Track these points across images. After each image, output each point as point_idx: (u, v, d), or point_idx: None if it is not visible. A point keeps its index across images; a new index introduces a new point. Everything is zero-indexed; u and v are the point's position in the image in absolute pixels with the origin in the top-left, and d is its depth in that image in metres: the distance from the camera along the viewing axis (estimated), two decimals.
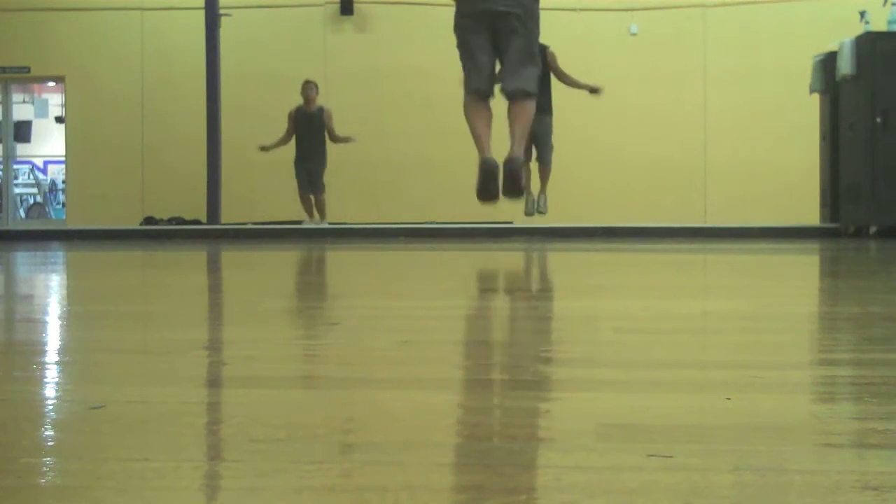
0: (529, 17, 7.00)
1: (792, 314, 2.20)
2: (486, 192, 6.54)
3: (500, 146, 5.75)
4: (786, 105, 12.81)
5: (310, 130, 11.25)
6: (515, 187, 6.54)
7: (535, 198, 9.22)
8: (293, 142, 11.39)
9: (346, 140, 11.31)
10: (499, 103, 5.89)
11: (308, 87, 11.27)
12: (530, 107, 7.05)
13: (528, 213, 9.19)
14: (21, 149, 17.34)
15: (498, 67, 6.91)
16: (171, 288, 3.32)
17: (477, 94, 7.03)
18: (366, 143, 12.97)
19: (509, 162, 6.80)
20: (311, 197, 11.48)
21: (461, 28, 7.21)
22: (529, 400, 1.13)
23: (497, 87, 7.03)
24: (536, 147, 8.83)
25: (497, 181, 6.57)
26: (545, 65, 9.17)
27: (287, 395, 1.19)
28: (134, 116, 14.02)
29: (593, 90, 9.70)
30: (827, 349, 1.64)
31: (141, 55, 14.04)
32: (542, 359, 1.48)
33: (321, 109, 11.33)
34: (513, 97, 7.20)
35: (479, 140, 6.76)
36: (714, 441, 0.91)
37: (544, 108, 9.12)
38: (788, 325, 1.96)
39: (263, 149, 11.22)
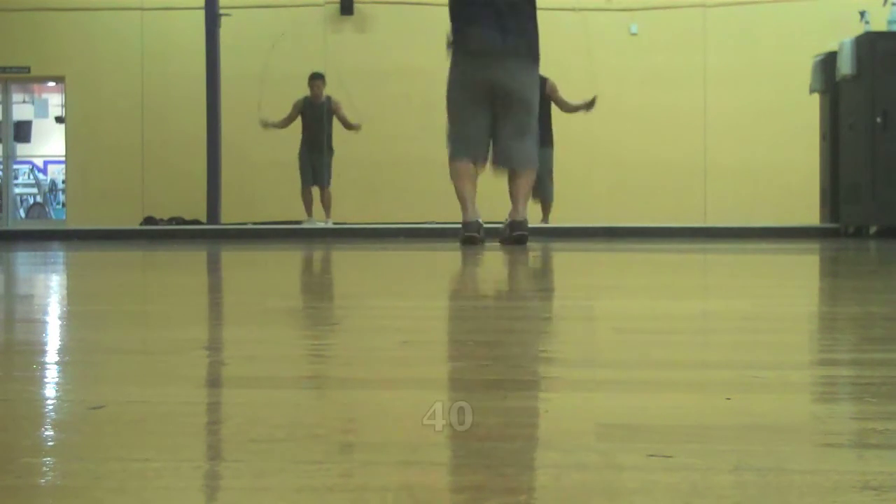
0: (531, 86, 6.92)
1: (792, 314, 2.20)
2: (469, 244, 6.58)
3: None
4: (786, 105, 12.81)
5: (317, 122, 11.24)
6: (522, 242, 6.55)
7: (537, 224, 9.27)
8: (301, 136, 11.36)
9: (355, 127, 11.29)
10: None
11: (315, 82, 11.28)
12: (532, 174, 7.07)
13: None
14: (21, 149, 17.34)
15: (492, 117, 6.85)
16: (171, 288, 3.32)
17: (467, 159, 7.01)
18: (366, 143, 12.97)
19: (517, 226, 6.79)
20: (315, 191, 11.45)
21: (456, 91, 7.11)
22: (529, 400, 1.13)
23: (491, 151, 6.99)
24: (537, 183, 8.83)
25: (479, 238, 6.62)
26: (544, 96, 9.13)
27: (287, 395, 1.19)
28: (134, 116, 14.02)
29: (589, 105, 9.89)
30: (827, 349, 1.64)
31: (141, 55, 14.04)
32: (542, 359, 1.48)
33: (328, 99, 11.33)
34: (516, 169, 7.18)
35: (465, 202, 6.79)
36: (714, 441, 0.91)
37: (545, 140, 9.14)
38: (788, 325, 1.96)
39: (264, 124, 11.19)
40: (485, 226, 6.87)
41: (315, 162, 11.22)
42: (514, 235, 6.53)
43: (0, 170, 15.02)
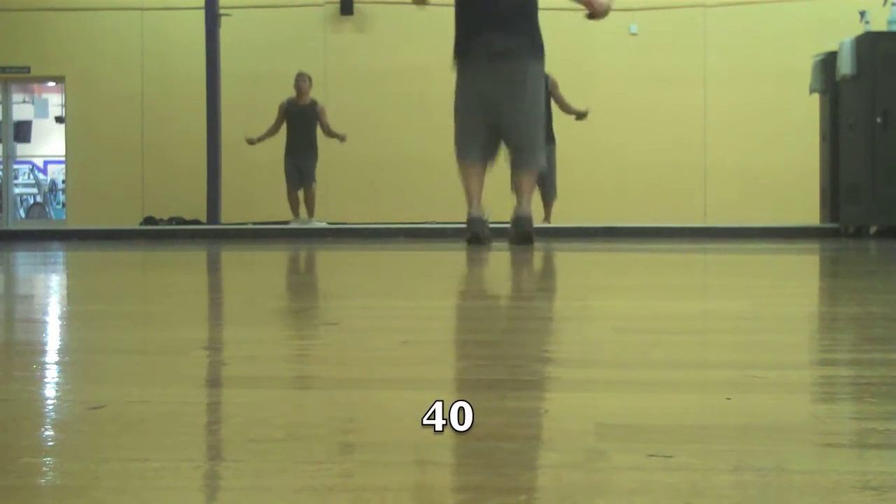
0: (535, 84, 6.88)
1: (792, 314, 2.20)
2: (477, 241, 6.57)
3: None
4: (786, 105, 12.81)
5: (301, 124, 11.23)
6: (527, 239, 6.56)
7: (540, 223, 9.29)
8: (286, 138, 11.36)
9: (339, 137, 11.27)
10: None
11: (301, 80, 11.28)
12: (537, 172, 7.07)
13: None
14: (21, 149, 17.34)
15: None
16: (171, 288, 3.32)
17: (475, 162, 7.00)
18: (366, 143, 12.96)
19: (521, 222, 6.79)
20: (300, 193, 11.44)
21: (461, 99, 7.12)
22: (529, 400, 1.13)
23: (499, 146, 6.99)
24: (539, 179, 8.82)
25: (483, 235, 6.61)
26: (546, 92, 9.17)
27: (287, 395, 1.19)
28: (134, 116, 14.02)
29: (579, 116, 10.07)
30: (827, 349, 1.64)
31: (141, 55, 14.04)
32: (542, 359, 1.48)
33: (314, 103, 11.31)
34: (523, 170, 7.17)
35: (470, 196, 6.79)
36: (714, 441, 0.91)
37: (547, 137, 9.14)
38: (788, 325, 1.96)
39: (250, 141, 11.22)
40: (492, 225, 6.88)
41: (300, 164, 11.20)
42: (519, 233, 6.53)
43: (0, 170, 15.02)
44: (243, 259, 5.61)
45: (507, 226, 6.99)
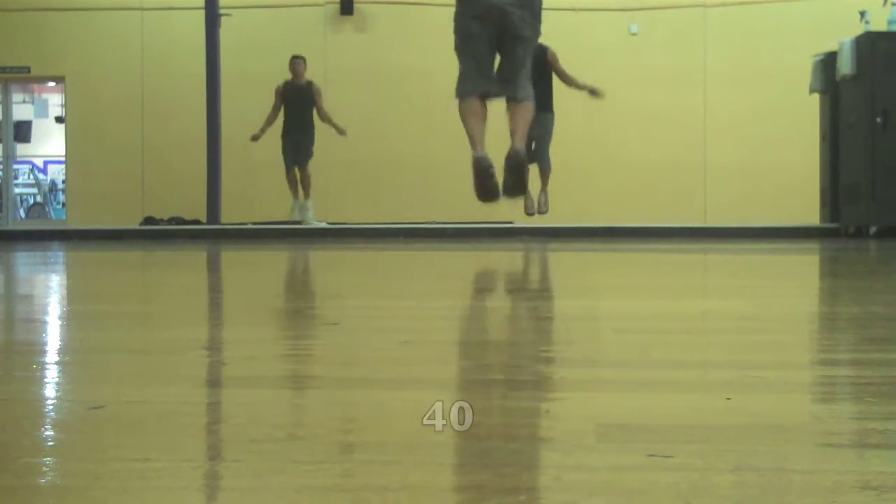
0: (535, 20, 6.89)
1: (792, 314, 2.20)
2: (485, 190, 6.45)
3: (496, 144, 5.73)
4: (786, 105, 12.81)
5: (298, 103, 11.21)
6: (518, 183, 6.42)
7: (536, 198, 9.17)
8: (283, 118, 11.33)
9: (336, 127, 11.22)
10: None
11: (296, 62, 11.29)
12: (531, 105, 6.95)
13: (529, 213, 9.13)
14: (21, 149, 17.35)
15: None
16: (171, 288, 3.32)
17: (476, 95, 6.89)
18: (366, 143, 12.97)
19: (513, 156, 6.67)
20: (297, 173, 11.41)
21: (464, 29, 7.05)
22: (529, 400, 1.13)
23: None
24: (535, 146, 8.75)
25: (494, 178, 6.48)
26: (546, 64, 9.15)
27: (287, 395, 1.19)
28: (134, 116, 14.02)
29: (593, 92, 9.65)
30: (827, 349, 1.64)
31: (141, 55, 14.04)
32: (542, 359, 1.48)
33: (309, 84, 11.31)
34: (514, 100, 7.06)
35: (474, 138, 6.62)
36: (714, 441, 0.91)
37: (545, 105, 9.08)
38: (788, 325, 1.96)
39: (255, 138, 11.20)
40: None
41: (296, 142, 11.18)
42: (509, 164, 6.38)
43: (0, 170, 15.02)
44: (243, 259, 5.61)
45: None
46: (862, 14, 10.08)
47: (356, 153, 12.87)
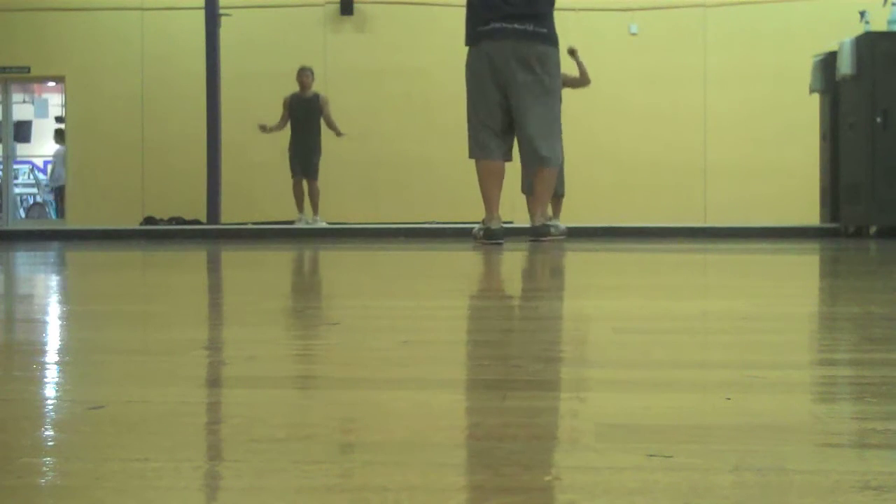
0: (551, 72, 6.61)
1: (792, 314, 2.20)
2: (492, 242, 6.38)
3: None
4: (786, 105, 12.81)
5: (305, 116, 11.25)
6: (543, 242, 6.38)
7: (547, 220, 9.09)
8: (290, 130, 11.38)
9: (337, 131, 11.27)
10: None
11: (303, 73, 11.32)
12: (554, 175, 6.76)
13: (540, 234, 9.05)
14: (21, 149, 17.34)
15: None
16: (171, 288, 3.32)
17: (491, 156, 6.64)
18: (366, 143, 12.96)
19: (539, 233, 6.58)
20: (304, 187, 11.45)
21: (471, 82, 6.76)
22: (529, 400, 1.13)
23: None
24: None
25: (501, 238, 6.41)
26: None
27: (287, 395, 1.19)
28: (134, 116, 14.02)
29: (572, 52, 9.22)
30: (827, 349, 1.64)
31: (141, 55, 14.04)
32: (542, 359, 1.48)
33: (317, 96, 11.34)
34: (539, 165, 6.84)
35: (489, 202, 6.52)
36: (714, 441, 0.91)
37: None
38: (788, 325, 1.96)
39: (262, 128, 11.24)
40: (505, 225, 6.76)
41: (302, 159, 11.20)
42: (537, 244, 6.39)
43: (0, 170, 15.02)
44: (243, 259, 5.61)
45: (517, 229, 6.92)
46: (862, 14, 10.08)
47: (356, 153, 12.87)
